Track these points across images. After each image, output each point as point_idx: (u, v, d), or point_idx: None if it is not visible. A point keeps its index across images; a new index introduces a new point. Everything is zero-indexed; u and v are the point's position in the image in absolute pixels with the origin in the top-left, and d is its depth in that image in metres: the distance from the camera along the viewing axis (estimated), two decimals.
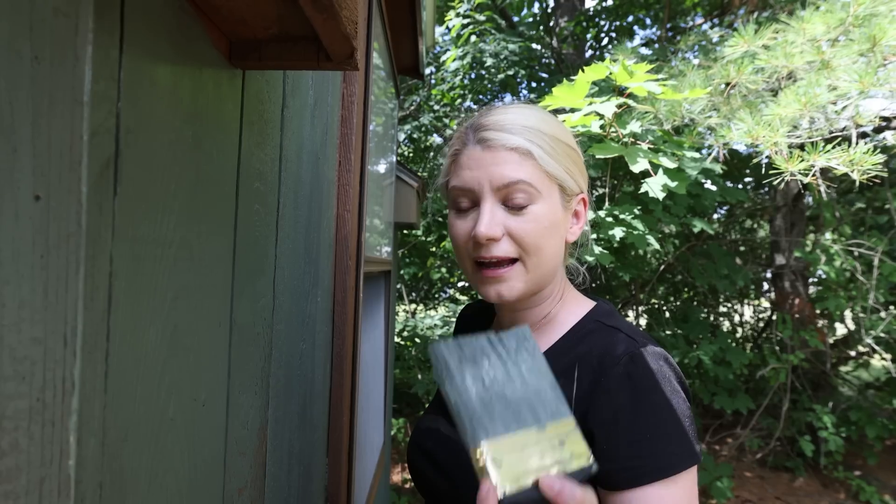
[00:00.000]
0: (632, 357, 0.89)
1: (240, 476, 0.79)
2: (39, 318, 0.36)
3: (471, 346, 0.83)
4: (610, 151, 2.57)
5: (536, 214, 0.95)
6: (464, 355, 0.81)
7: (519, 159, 0.95)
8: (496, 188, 0.95)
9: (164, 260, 0.53)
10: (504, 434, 0.76)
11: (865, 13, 2.73)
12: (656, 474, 0.83)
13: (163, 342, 0.54)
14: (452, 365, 0.79)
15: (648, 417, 0.86)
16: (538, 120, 0.99)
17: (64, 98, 0.37)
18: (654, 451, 0.84)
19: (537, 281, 1.00)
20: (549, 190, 0.97)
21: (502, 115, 1.00)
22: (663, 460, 0.84)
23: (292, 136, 1.00)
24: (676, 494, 0.83)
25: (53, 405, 0.37)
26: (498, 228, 0.95)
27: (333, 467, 1.48)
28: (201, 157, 0.61)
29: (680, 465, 0.84)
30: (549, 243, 0.97)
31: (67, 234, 0.38)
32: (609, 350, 0.92)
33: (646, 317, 7.13)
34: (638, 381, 0.87)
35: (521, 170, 0.94)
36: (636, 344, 0.91)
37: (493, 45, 6.92)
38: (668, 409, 0.86)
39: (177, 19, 0.55)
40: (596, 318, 1.01)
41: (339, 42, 0.64)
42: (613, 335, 0.95)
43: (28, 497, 0.36)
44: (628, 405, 0.86)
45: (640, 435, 0.85)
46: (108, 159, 0.43)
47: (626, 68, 2.48)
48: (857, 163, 2.36)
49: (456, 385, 0.78)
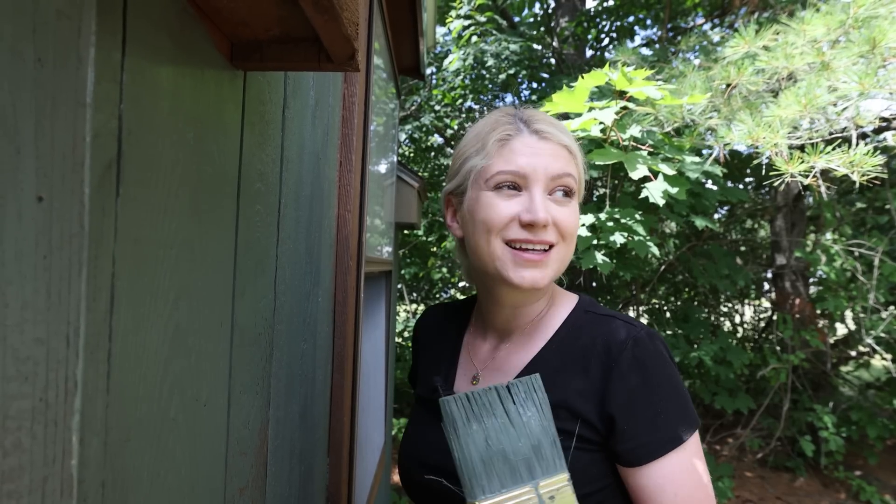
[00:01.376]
0: (636, 341, 0.97)
1: (241, 476, 0.80)
2: (42, 318, 0.36)
3: (480, 401, 0.88)
4: (610, 158, 2.58)
5: (575, 208, 1.05)
6: (472, 412, 0.87)
7: (568, 156, 1.05)
8: (551, 177, 1.02)
9: (166, 260, 0.53)
10: (499, 492, 0.83)
11: (865, 15, 2.73)
12: (670, 445, 0.93)
13: (165, 342, 0.54)
14: (459, 423, 0.86)
15: (657, 394, 0.95)
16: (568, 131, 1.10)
17: (67, 100, 0.37)
18: (665, 424, 0.94)
19: (561, 271, 1.06)
20: (579, 190, 1.07)
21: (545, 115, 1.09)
22: (674, 431, 0.94)
23: (293, 137, 1.00)
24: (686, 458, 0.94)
25: (56, 405, 0.38)
26: (549, 215, 1.00)
27: (334, 467, 1.48)
28: (203, 158, 0.61)
29: (688, 432, 0.94)
30: (575, 237, 1.06)
31: (70, 235, 0.38)
32: (612, 337, 0.99)
33: (646, 317, 7.13)
34: (645, 362, 0.96)
35: (570, 165, 1.04)
36: (635, 329, 0.99)
37: (494, 46, 6.91)
38: (670, 384, 0.96)
39: (178, 21, 0.55)
40: (586, 310, 1.08)
41: (340, 43, 0.65)
42: (610, 323, 1.03)
43: (31, 496, 0.36)
44: (641, 386, 0.95)
45: (655, 412, 0.94)
46: (111, 161, 0.43)
47: (625, 75, 2.48)
48: (857, 164, 2.37)
49: (461, 443, 0.85)
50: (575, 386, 0.98)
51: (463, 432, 0.85)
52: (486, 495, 0.82)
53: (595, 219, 2.95)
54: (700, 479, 0.94)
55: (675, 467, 0.93)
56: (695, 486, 0.93)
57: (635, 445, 0.93)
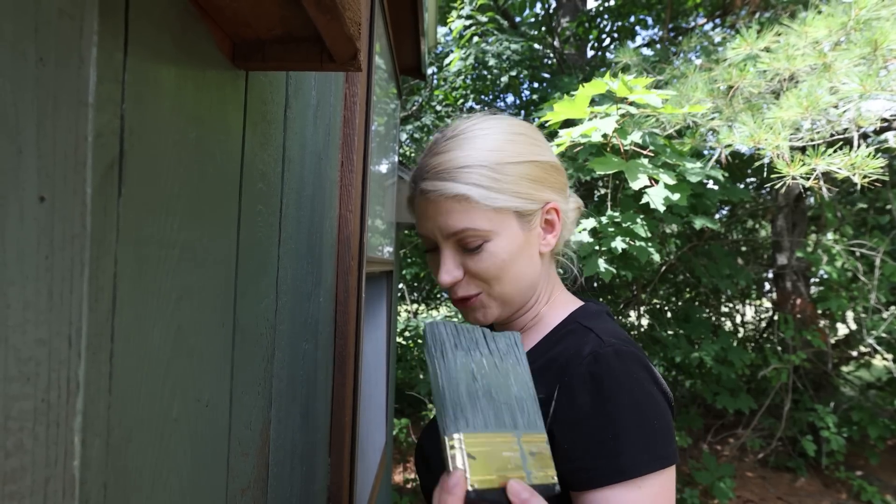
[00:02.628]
0: (595, 357, 0.87)
1: (243, 476, 0.79)
2: (44, 319, 0.36)
3: (467, 334, 0.83)
4: (610, 167, 2.58)
5: (492, 251, 0.96)
6: (460, 341, 0.81)
7: (459, 207, 0.95)
8: (445, 237, 0.97)
9: (168, 261, 0.53)
10: (482, 430, 0.75)
11: (867, 17, 2.73)
12: (616, 477, 0.81)
13: (167, 343, 0.54)
14: (448, 346, 0.79)
15: (610, 417, 0.83)
16: (482, 150, 0.97)
17: (69, 100, 0.37)
18: (616, 452, 0.82)
19: (509, 303, 1.02)
20: (501, 223, 0.96)
21: (440, 156, 0.99)
22: (626, 462, 0.81)
23: (295, 137, 1.00)
24: (640, 499, 0.80)
25: (58, 406, 0.38)
26: (457, 272, 0.98)
27: (336, 467, 1.48)
28: (204, 158, 0.61)
29: (643, 468, 0.81)
30: (513, 270, 0.98)
31: (72, 235, 0.38)
32: (577, 351, 0.90)
33: (647, 317, 7.13)
34: (600, 381, 0.85)
35: (465, 217, 0.95)
36: (602, 344, 0.89)
37: (495, 46, 6.91)
38: (632, 411, 0.84)
39: (180, 21, 0.55)
40: (576, 319, 1.01)
41: (342, 43, 0.64)
42: (585, 336, 0.94)
43: (33, 497, 0.36)
44: (589, 405, 0.85)
45: (602, 435, 0.83)
46: (113, 161, 0.43)
47: (625, 84, 2.49)
48: (858, 167, 2.37)
49: (447, 367, 0.77)
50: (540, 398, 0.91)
51: (451, 358, 0.78)
52: (470, 429, 0.74)
53: (596, 222, 2.95)
54: None
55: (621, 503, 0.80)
56: None
57: (574, 468, 0.83)
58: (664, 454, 0.83)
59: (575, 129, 2.62)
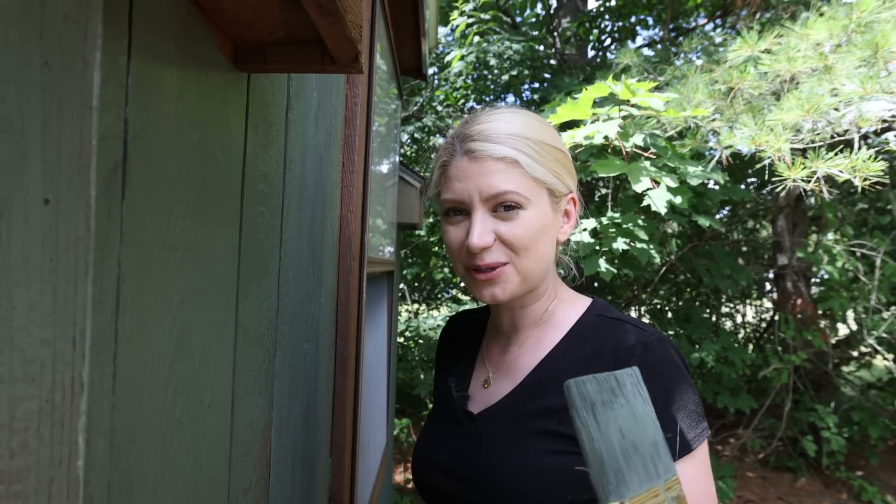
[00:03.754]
0: (645, 346, 0.94)
1: (245, 476, 0.80)
2: (49, 320, 0.37)
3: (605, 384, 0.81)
4: (612, 169, 2.58)
5: (526, 219, 0.98)
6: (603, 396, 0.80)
7: (506, 168, 0.97)
8: (485, 198, 0.98)
9: (171, 262, 0.54)
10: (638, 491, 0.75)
11: (868, 19, 2.73)
12: (681, 453, 0.90)
13: (169, 344, 0.54)
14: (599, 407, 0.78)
15: (667, 401, 0.92)
16: (523, 125, 1.01)
17: (73, 103, 0.38)
18: (676, 431, 0.91)
19: (529, 281, 1.02)
20: (538, 194, 1.00)
21: (487, 123, 1.02)
22: (685, 438, 0.91)
23: (296, 139, 1.01)
24: (697, 466, 0.92)
25: (62, 406, 0.38)
26: (489, 237, 0.98)
27: (337, 467, 1.49)
28: (207, 160, 0.62)
29: (696, 441, 0.92)
30: (540, 245, 1.00)
31: (76, 237, 0.38)
32: (621, 342, 0.96)
33: (648, 317, 7.13)
34: (654, 368, 0.92)
35: (509, 179, 0.97)
36: (645, 333, 0.96)
37: (496, 46, 6.91)
38: (681, 391, 0.94)
39: (183, 24, 0.55)
40: (597, 314, 1.05)
41: (343, 46, 0.65)
42: (620, 327, 0.99)
43: (37, 497, 0.36)
44: (650, 392, 0.89)
45: (663, 419, 0.89)
46: (117, 163, 0.44)
47: (628, 87, 2.49)
48: (859, 169, 2.37)
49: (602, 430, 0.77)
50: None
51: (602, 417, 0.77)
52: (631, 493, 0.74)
53: (597, 223, 2.95)
54: (709, 489, 0.93)
55: (687, 475, 0.90)
56: (703, 495, 0.91)
57: None
58: (705, 426, 0.96)
59: (578, 131, 2.63)
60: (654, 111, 2.68)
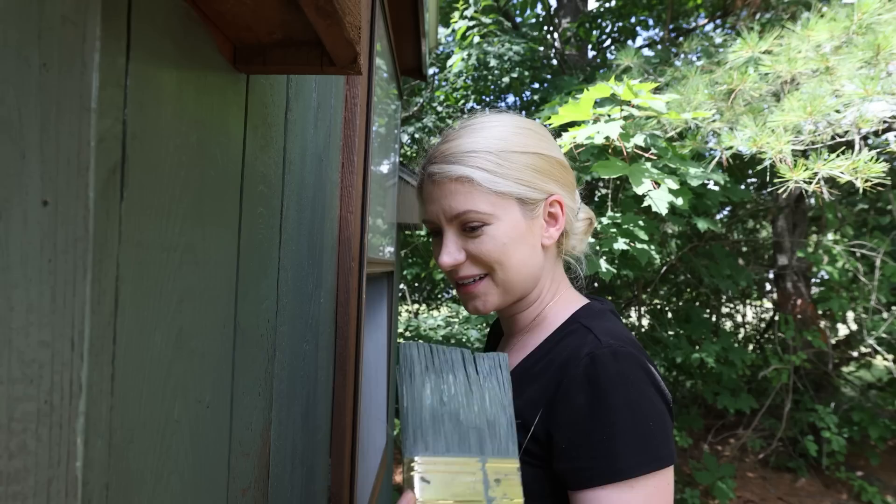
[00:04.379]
0: (592, 358, 0.88)
1: (244, 477, 0.80)
2: (47, 321, 0.37)
3: (443, 356, 0.82)
4: (614, 171, 2.58)
5: (492, 235, 0.98)
6: (432, 364, 0.81)
7: (462, 188, 0.98)
8: (449, 219, 1.00)
9: (170, 264, 0.54)
10: (443, 454, 0.76)
11: (869, 21, 2.73)
12: (610, 477, 0.82)
13: (168, 345, 0.54)
14: (417, 370, 0.79)
15: (605, 418, 0.85)
16: (487, 139, 1.00)
17: (72, 105, 0.38)
18: (610, 453, 0.83)
19: (512, 291, 1.03)
20: (504, 208, 0.99)
21: (449, 142, 1.03)
22: (620, 463, 0.82)
23: (296, 139, 1.01)
24: (633, 499, 0.82)
25: (61, 407, 0.38)
26: (459, 255, 1.00)
27: (336, 467, 1.49)
28: (206, 161, 0.62)
29: (637, 469, 0.82)
30: (515, 256, 1.00)
31: (75, 238, 0.38)
32: (576, 351, 0.92)
33: (648, 317, 7.13)
34: (596, 382, 0.86)
35: (467, 200, 0.98)
36: (600, 345, 0.90)
37: (497, 47, 6.92)
38: (628, 411, 0.85)
39: (182, 26, 0.55)
40: (577, 319, 1.02)
41: (342, 47, 0.65)
42: (584, 336, 0.95)
43: (36, 498, 0.36)
44: (585, 406, 0.86)
45: (598, 436, 0.84)
46: (115, 165, 0.44)
47: (630, 88, 2.49)
48: (860, 171, 2.37)
49: (413, 390, 0.77)
50: (532, 396, 0.93)
51: (419, 380, 0.78)
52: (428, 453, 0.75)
53: (597, 223, 2.95)
54: None
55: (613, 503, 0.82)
56: None
57: (571, 468, 0.85)
58: (659, 455, 0.84)
59: (580, 131, 2.63)
60: (656, 112, 2.68)
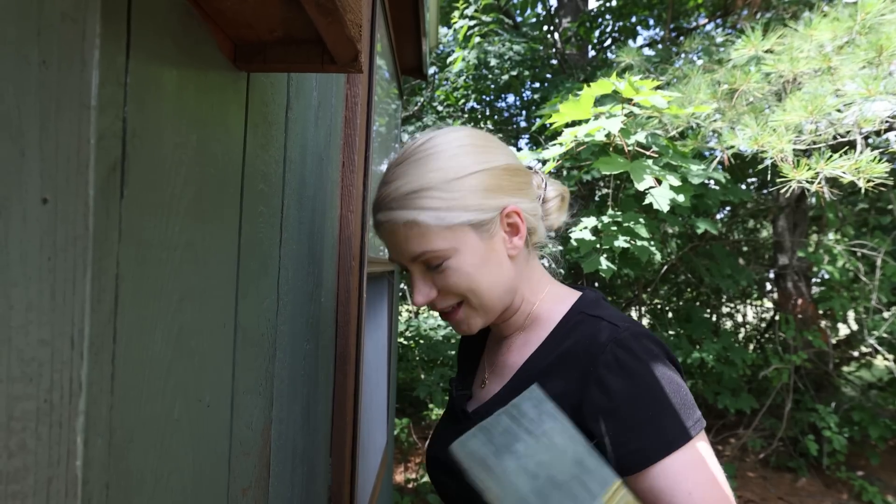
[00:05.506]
0: (617, 342, 0.91)
1: (244, 476, 0.80)
2: (47, 320, 0.36)
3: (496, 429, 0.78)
4: (615, 167, 2.58)
5: (455, 267, 0.98)
6: (495, 445, 0.76)
7: (414, 233, 0.97)
8: (410, 261, 1.01)
9: (170, 262, 0.54)
10: None
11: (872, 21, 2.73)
12: (667, 449, 0.85)
13: (168, 344, 0.54)
14: (491, 462, 0.74)
15: (646, 398, 0.88)
16: (426, 172, 0.98)
17: (71, 102, 0.38)
18: (658, 429, 0.86)
19: (491, 310, 1.03)
20: (459, 238, 0.98)
21: (390, 185, 1.01)
22: (670, 434, 0.86)
23: (296, 138, 1.00)
24: (692, 456, 0.86)
25: (61, 406, 0.38)
26: (431, 292, 1.02)
27: (337, 467, 1.49)
28: (206, 159, 0.61)
29: (685, 435, 0.87)
30: (483, 280, 1.00)
31: (75, 236, 0.38)
32: (594, 339, 0.94)
33: (649, 317, 7.12)
34: (627, 364, 0.89)
35: (421, 241, 0.97)
36: (618, 329, 0.93)
37: (497, 46, 6.92)
38: (662, 386, 0.89)
39: (182, 23, 0.55)
40: (580, 311, 1.03)
41: (343, 45, 0.65)
42: (596, 324, 0.97)
43: (36, 497, 0.36)
44: (624, 390, 0.88)
45: (642, 417, 0.87)
46: (115, 163, 0.44)
47: (632, 84, 2.49)
48: (863, 171, 2.37)
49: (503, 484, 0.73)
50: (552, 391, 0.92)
51: (500, 470, 0.73)
52: None
53: (598, 221, 2.95)
54: (713, 477, 0.86)
55: (683, 465, 0.85)
56: (709, 484, 0.85)
57: (625, 453, 0.86)
58: (698, 417, 0.90)
59: (580, 128, 2.62)
60: (657, 109, 2.68)
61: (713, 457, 0.90)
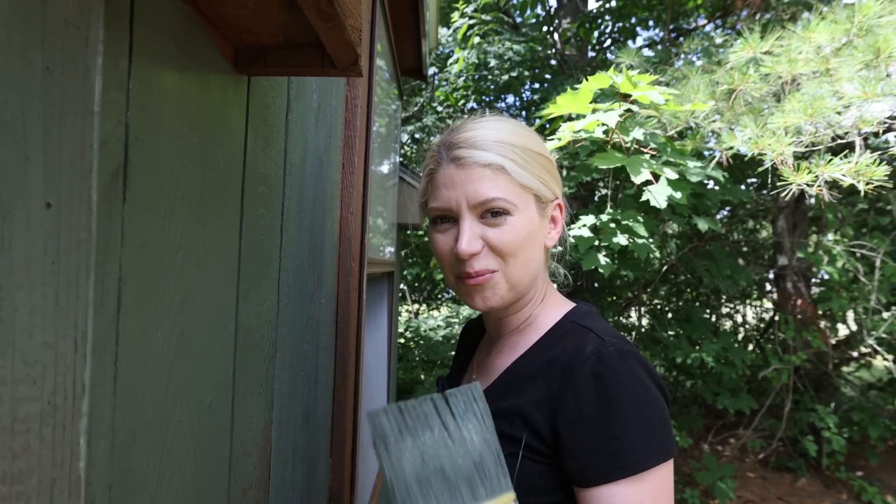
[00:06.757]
0: (599, 357, 0.90)
1: (245, 477, 0.80)
2: (50, 322, 0.37)
3: (415, 412, 0.80)
4: (612, 161, 2.58)
5: (514, 225, 0.98)
6: (405, 425, 0.78)
7: (493, 175, 0.97)
8: (473, 205, 0.98)
9: (172, 265, 0.54)
10: None
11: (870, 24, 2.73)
12: (622, 472, 0.84)
13: (170, 346, 0.54)
14: (391, 439, 0.76)
15: (615, 416, 0.86)
16: (509, 133, 1.01)
17: (75, 108, 0.38)
18: (621, 449, 0.85)
19: (518, 287, 1.02)
20: (525, 201, 1.00)
21: (473, 131, 1.01)
22: (630, 458, 0.85)
23: (296, 140, 1.01)
24: (643, 492, 0.85)
25: (64, 408, 0.38)
26: (478, 243, 0.98)
27: (337, 467, 1.49)
28: (207, 163, 0.62)
29: (647, 462, 0.85)
30: (528, 251, 1.00)
31: (78, 240, 0.39)
32: (579, 350, 0.93)
33: (648, 317, 7.12)
34: (604, 379, 0.88)
35: (497, 186, 0.97)
36: (604, 344, 0.92)
37: (497, 47, 6.92)
38: (635, 407, 0.87)
39: (184, 28, 0.55)
40: (572, 320, 1.03)
41: (343, 49, 0.65)
42: (585, 335, 0.96)
43: (39, 498, 0.37)
44: (595, 404, 0.88)
45: (608, 433, 0.86)
46: (118, 167, 0.44)
47: (629, 79, 2.49)
48: (862, 173, 2.37)
49: (392, 462, 0.75)
50: (534, 395, 0.94)
51: (395, 448, 0.76)
52: None
53: (596, 220, 2.95)
54: None
55: (626, 498, 0.84)
56: None
57: (582, 465, 0.87)
58: (664, 448, 0.87)
59: (577, 122, 2.62)
60: (656, 107, 2.68)
61: (670, 490, 0.88)
